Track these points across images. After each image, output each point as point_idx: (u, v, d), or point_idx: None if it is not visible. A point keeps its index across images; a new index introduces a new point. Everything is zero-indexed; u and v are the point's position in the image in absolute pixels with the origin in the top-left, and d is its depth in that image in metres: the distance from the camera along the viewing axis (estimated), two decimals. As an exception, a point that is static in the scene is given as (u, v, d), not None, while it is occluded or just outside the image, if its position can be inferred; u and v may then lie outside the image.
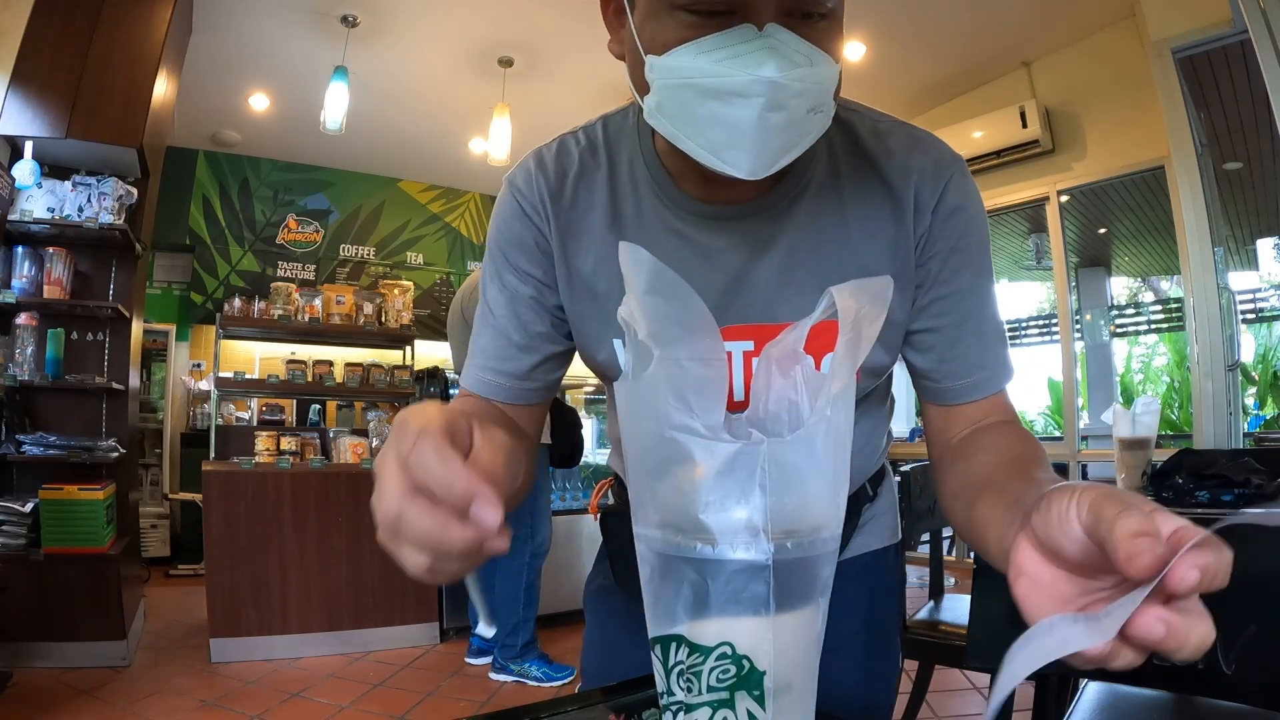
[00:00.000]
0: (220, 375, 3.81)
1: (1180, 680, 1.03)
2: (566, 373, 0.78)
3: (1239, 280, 6.01)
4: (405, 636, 3.34)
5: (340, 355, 4.65)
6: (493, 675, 2.95)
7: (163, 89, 3.29)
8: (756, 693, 0.41)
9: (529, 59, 4.28)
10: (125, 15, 3.09)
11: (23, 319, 2.96)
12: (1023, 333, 6.53)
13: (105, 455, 3.03)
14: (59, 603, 2.81)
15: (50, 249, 3.05)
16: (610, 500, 0.90)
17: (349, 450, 3.62)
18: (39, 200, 3.03)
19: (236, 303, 4.15)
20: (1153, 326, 6.54)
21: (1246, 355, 6.17)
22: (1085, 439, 4.38)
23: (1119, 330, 6.50)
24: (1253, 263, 6.36)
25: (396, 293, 4.48)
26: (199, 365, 5.41)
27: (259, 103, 4.79)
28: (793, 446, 0.39)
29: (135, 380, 3.34)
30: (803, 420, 0.46)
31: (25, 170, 2.90)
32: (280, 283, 4.32)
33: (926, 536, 2.20)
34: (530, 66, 4.33)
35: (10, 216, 2.94)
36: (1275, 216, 5.43)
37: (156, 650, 3.14)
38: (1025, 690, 0.92)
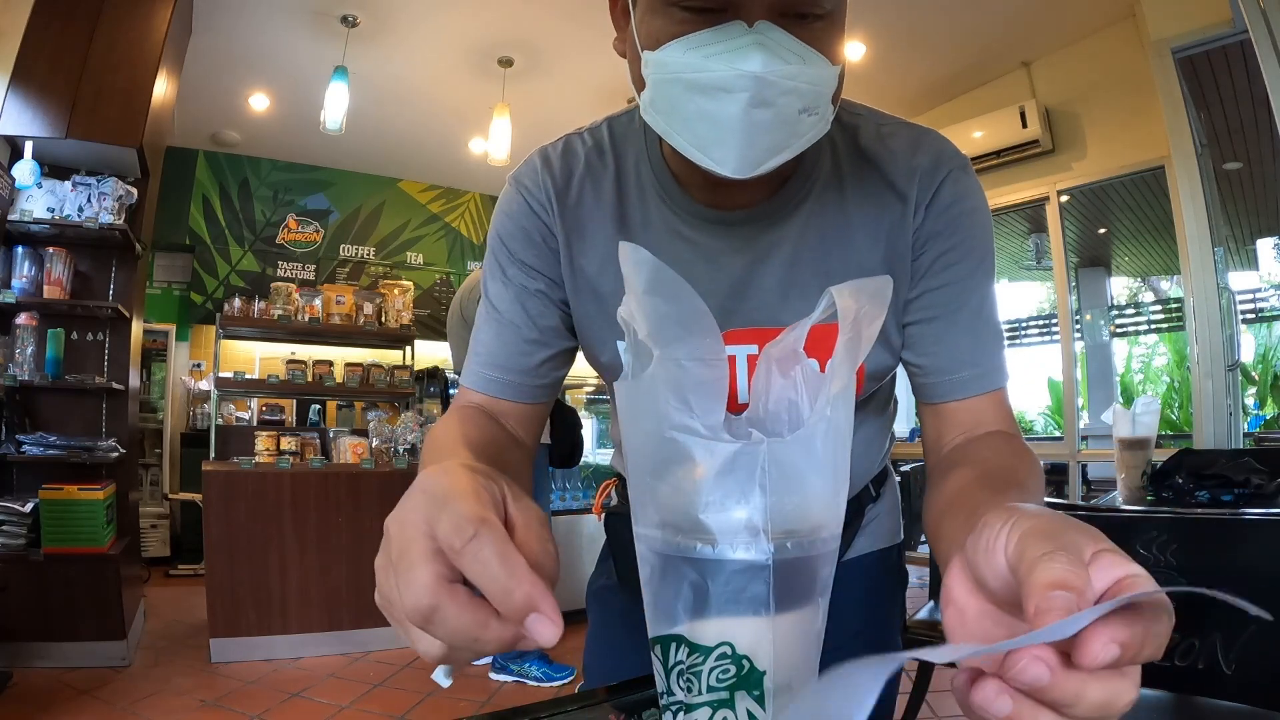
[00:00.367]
0: (220, 375, 3.81)
1: (1180, 680, 1.04)
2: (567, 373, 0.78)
3: (1239, 280, 6.01)
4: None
5: (340, 355, 4.66)
6: (493, 675, 2.95)
7: (163, 89, 3.29)
8: (756, 693, 0.41)
9: (529, 59, 4.28)
10: (125, 15, 3.09)
11: (23, 319, 2.96)
12: (1023, 333, 6.52)
13: (105, 455, 3.03)
14: (59, 603, 2.81)
15: (50, 249, 3.05)
16: (614, 500, 0.91)
17: (349, 450, 3.62)
18: (39, 200, 3.03)
19: (236, 303, 4.15)
20: (1153, 326, 6.53)
21: (1246, 355, 6.17)
22: (1085, 439, 4.37)
23: (1119, 330, 6.49)
24: (1253, 263, 6.36)
25: (396, 293, 4.49)
26: (199, 365, 5.41)
27: (259, 103, 4.79)
28: (793, 446, 0.39)
29: (135, 380, 3.34)
30: (803, 420, 0.46)
31: (25, 170, 2.90)
32: (280, 283, 4.32)
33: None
34: (530, 66, 4.33)
35: (10, 216, 2.94)
36: (1275, 216, 5.43)
37: (156, 650, 3.14)
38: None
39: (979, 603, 0.34)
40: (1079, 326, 5.81)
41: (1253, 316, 6.34)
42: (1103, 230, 5.49)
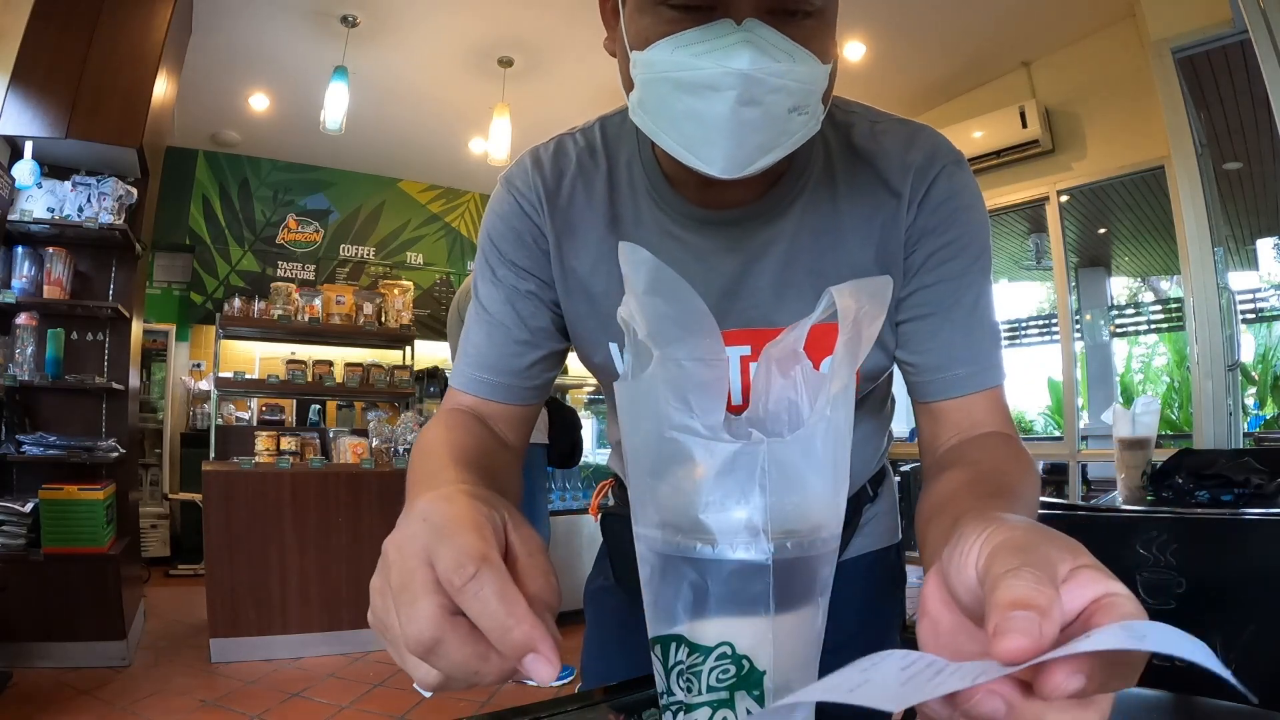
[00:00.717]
0: (220, 375, 3.81)
1: (1180, 680, 1.03)
2: (567, 374, 0.78)
3: (1239, 280, 6.00)
4: (405, 636, 3.35)
5: (340, 355, 4.66)
6: (485, 684, 2.95)
7: (163, 89, 3.30)
8: (756, 693, 0.41)
9: (529, 59, 4.28)
10: (125, 15, 3.10)
11: (23, 319, 2.96)
12: (1023, 333, 6.52)
13: (105, 455, 3.03)
14: (59, 603, 2.81)
15: (50, 249, 3.06)
16: (611, 501, 0.90)
17: (349, 450, 3.62)
18: (39, 200, 3.03)
19: (236, 303, 4.16)
20: (1153, 326, 6.53)
21: (1246, 355, 6.17)
22: (1085, 439, 4.37)
23: (1119, 330, 6.49)
24: (1253, 263, 6.36)
25: (396, 293, 4.49)
26: (199, 365, 5.41)
27: (259, 103, 4.79)
28: (793, 446, 0.39)
29: (135, 380, 3.34)
30: (803, 420, 0.46)
31: (25, 170, 2.90)
32: (280, 283, 4.32)
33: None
34: (530, 66, 4.33)
35: (10, 216, 2.94)
36: (1275, 216, 5.43)
37: (156, 650, 3.14)
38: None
39: (953, 616, 0.32)
40: (1079, 326, 5.81)
41: (1253, 316, 6.34)
42: (1103, 230, 5.49)
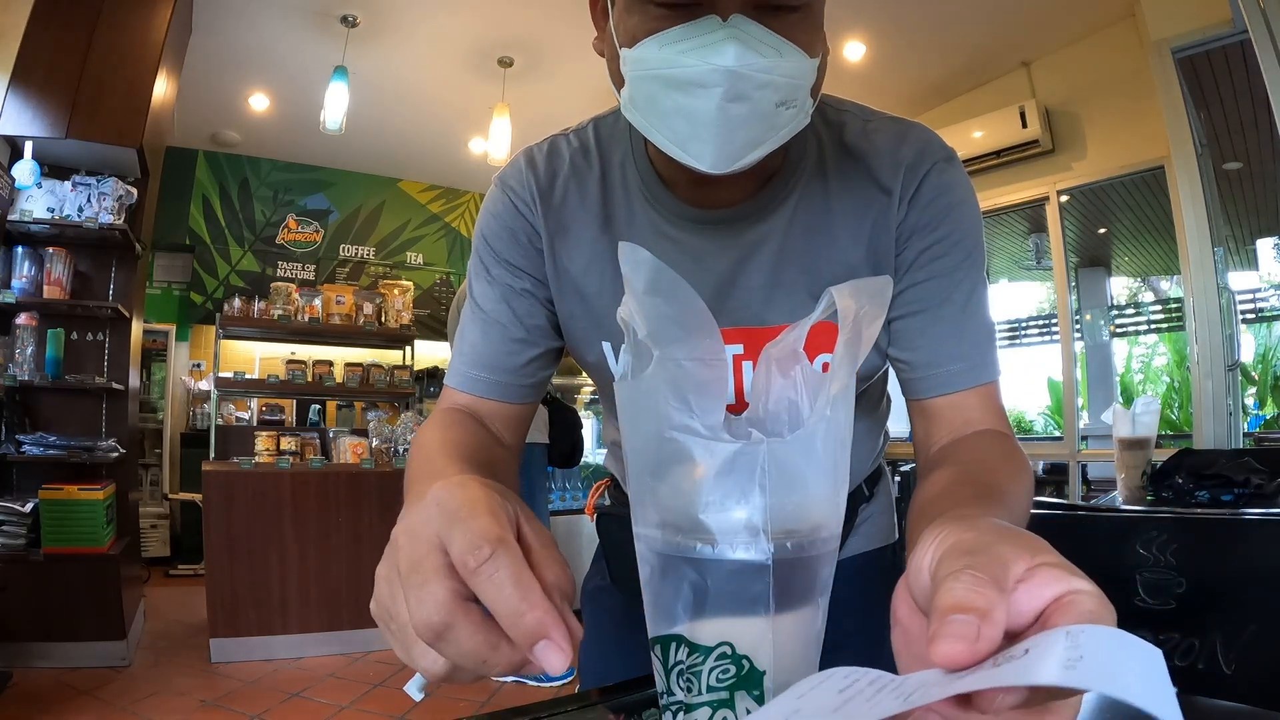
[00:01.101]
0: (220, 375, 3.82)
1: (1180, 680, 1.03)
2: (576, 375, 0.78)
3: (1239, 280, 6.00)
4: (405, 636, 3.35)
5: (340, 355, 4.66)
6: (492, 675, 2.95)
7: (163, 89, 3.30)
8: (756, 692, 0.41)
9: (529, 59, 4.28)
10: (125, 15, 3.10)
11: (23, 319, 2.96)
12: (1023, 333, 6.52)
13: (105, 455, 3.03)
14: (59, 603, 2.81)
15: (50, 249, 3.06)
16: (607, 501, 0.90)
17: (349, 450, 3.62)
18: (39, 200, 3.03)
19: (236, 303, 4.16)
20: (1153, 326, 6.53)
21: (1246, 355, 6.17)
22: (1085, 439, 4.37)
23: (1119, 330, 6.48)
24: (1253, 263, 6.36)
25: (396, 293, 4.49)
26: (199, 365, 5.42)
27: (259, 103, 4.79)
28: (793, 446, 0.39)
29: (135, 380, 3.34)
30: (803, 420, 0.46)
31: (25, 170, 2.90)
32: (280, 283, 4.32)
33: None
34: (530, 66, 4.33)
35: (10, 216, 2.94)
36: (1275, 216, 5.43)
37: (156, 650, 3.14)
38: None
39: (922, 623, 0.31)
40: (1079, 326, 5.81)
41: (1253, 316, 6.33)
42: (1102, 230, 5.49)
